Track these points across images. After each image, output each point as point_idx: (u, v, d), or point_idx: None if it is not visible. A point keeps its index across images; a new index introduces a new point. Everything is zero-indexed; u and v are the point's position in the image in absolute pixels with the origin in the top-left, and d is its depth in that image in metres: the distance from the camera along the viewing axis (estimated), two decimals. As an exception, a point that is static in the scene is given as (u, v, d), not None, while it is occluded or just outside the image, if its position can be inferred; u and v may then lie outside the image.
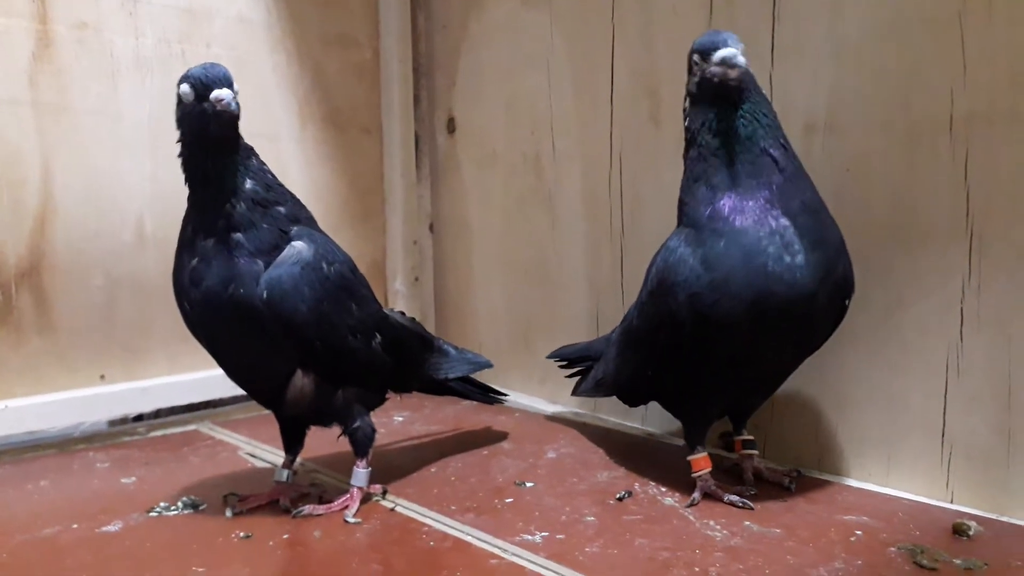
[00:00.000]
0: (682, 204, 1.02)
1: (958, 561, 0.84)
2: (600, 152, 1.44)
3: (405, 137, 1.79)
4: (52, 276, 1.39)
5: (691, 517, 0.97)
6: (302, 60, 1.67)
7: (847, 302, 1.00)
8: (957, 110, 1.00)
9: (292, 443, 1.09)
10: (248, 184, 0.95)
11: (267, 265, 0.94)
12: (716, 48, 0.95)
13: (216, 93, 0.90)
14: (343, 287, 1.00)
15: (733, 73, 0.94)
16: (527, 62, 1.56)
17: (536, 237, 1.57)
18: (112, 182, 1.44)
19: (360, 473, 1.04)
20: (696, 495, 1.02)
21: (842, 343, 1.09)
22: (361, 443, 1.04)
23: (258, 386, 1.05)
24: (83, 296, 1.42)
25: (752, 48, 1.13)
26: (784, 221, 0.93)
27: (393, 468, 1.19)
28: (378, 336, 1.06)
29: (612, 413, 1.44)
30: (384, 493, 1.08)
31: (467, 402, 1.38)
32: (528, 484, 1.10)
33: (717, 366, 0.99)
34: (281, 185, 1.01)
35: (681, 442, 1.26)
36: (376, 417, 1.17)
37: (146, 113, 1.47)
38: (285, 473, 1.07)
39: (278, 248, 0.96)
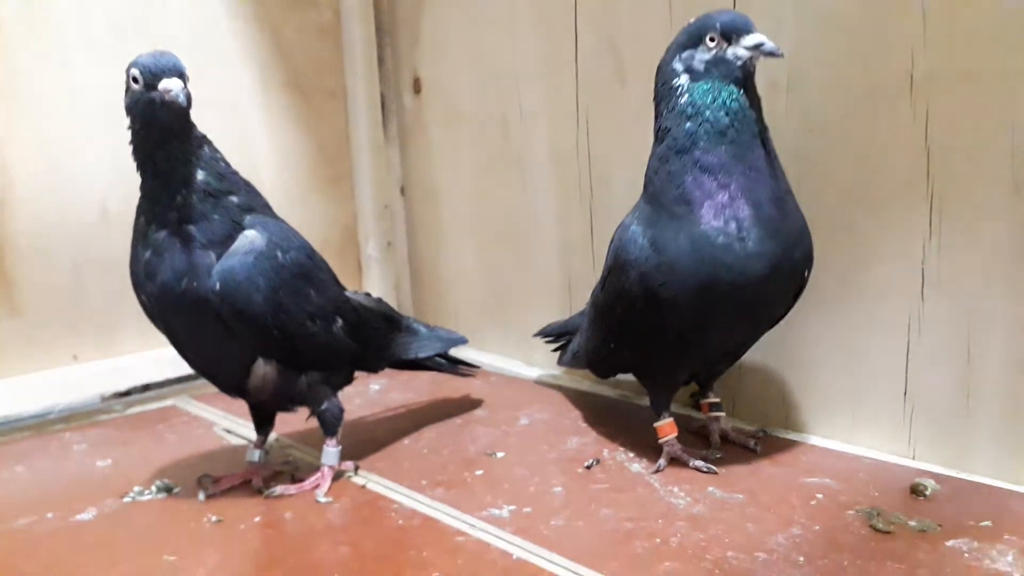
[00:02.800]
0: (652, 174, 1.01)
1: (913, 523, 0.86)
2: (566, 112, 1.42)
3: (370, 99, 1.75)
4: (16, 260, 1.38)
5: (656, 484, 0.99)
6: (261, 25, 1.63)
7: (807, 274, 1.01)
8: (917, 69, 0.98)
9: (262, 423, 1.10)
10: (200, 175, 0.94)
11: (220, 256, 0.93)
12: (747, 30, 0.93)
13: (164, 83, 0.88)
14: (299, 274, 1.00)
15: (757, 60, 0.93)
16: (491, 19, 1.53)
17: (506, 200, 1.56)
18: (72, 163, 1.41)
19: (330, 452, 1.05)
20: (662, 461, 1.04)
21: (806, 304, 1.09)
22: (329, 423, 1.05)
23: (220, 376, 1.05)
24: (50, 278, 1.41)
25: (713, 8, 1.11)
26: (745, 211, 0.92)
27: (367, 441, 1.20)
28: (339, 320, 1.05)
29: (587, 376, 1.45)
30: (356, 469, 1.09)
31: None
32: (499, 454, 1.12)
33: (671, 341, 1.00)
34: (235, 173, 1.00)
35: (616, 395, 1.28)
36: (353, 387, 1.19)
37: (101, 91, 1.43)
38: (257, 453, 1.08)
39: (231, 238, 0.94)
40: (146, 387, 1.50)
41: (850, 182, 1.06)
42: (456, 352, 1.33)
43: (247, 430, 1.26)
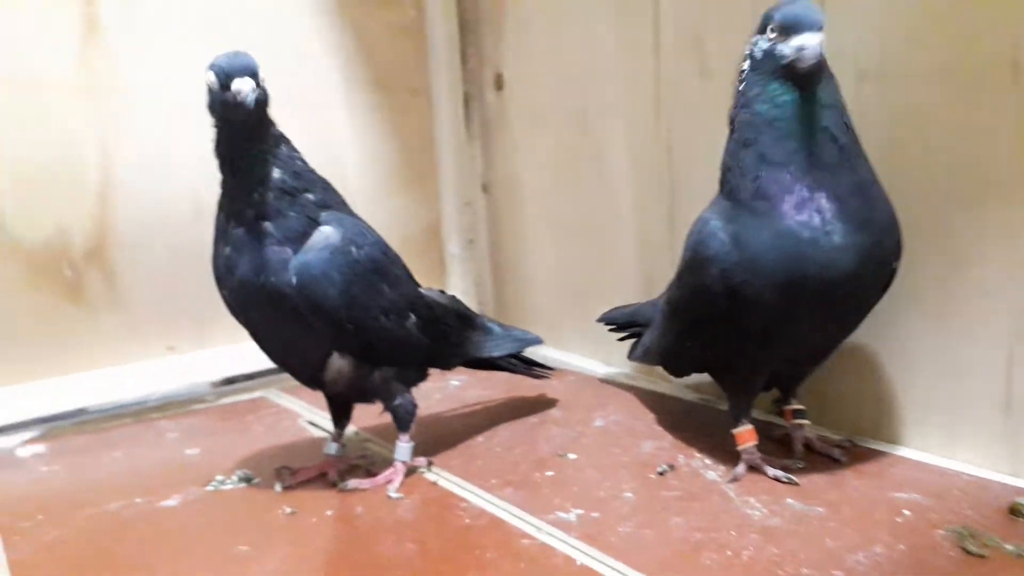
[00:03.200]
0: (726, 170, 0.98)
1: (1010, 547, 0.80)
2: (646, 108, 1.39)
3: (454, 96, 1.76)
4: (118, 252, 1.45)
5: (731, 494, 0.95)
6: (344, 23, 1.65)
7: (895, 264, 0.96)
8: (1022, 55, 0.91)
9: (339, 417, 1.12)
10: (276, 173, 0.96)
11: (296, 252, 0.95)
12: (798, 30, 0.88)
13: (236, 84, 0.90)
14: (374, 269, 1.01)
15: (803, 65, 0.88)
16: (570, 14, 1.51)
17: (585, 196, 1.54)
18: (167, 156, 1.47)
19: (403, 447, 1.06)
20: (739, 469, 1.00)
21: (900, 306, 1.04)
22: (403, 419, 1.06)
23: (298, 368, 1.07)
24: (148, 269, 1.47)
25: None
26: (827, 204, 0.88)
27: (443, 437, 1.21)
28: (412, 316, 1.06)
29: (665, 377, 1.41)
30: (429, 465, 1.10)
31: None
32: (571, 456, 1.10)
33: (754, 340, 0.96)
34: (312, 171, 1.01)
35: (697, 399, 1.24)
36: (433, 382, 1.21)
37: (194, 87, 1.48)
38: (334, 446, 1.10)
39: (307, 235, 0.96)
40: (237, 378, 1.55)
41: (947, 178, 0.99)
42: (533, 351, 1.32)
43: (330, 423, 1.28)
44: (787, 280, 0.89)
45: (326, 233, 0.97)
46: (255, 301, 0.98)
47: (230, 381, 1.54)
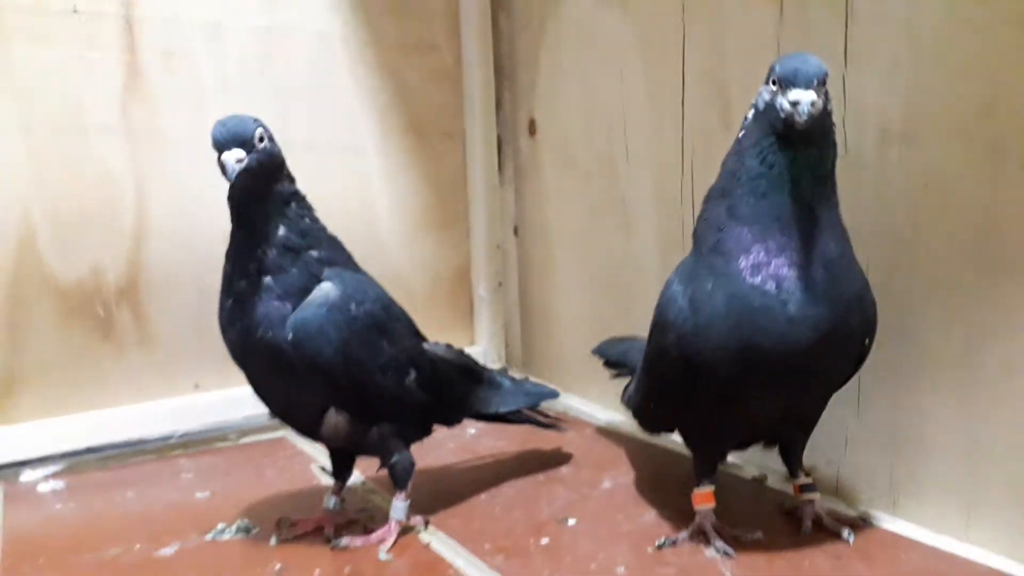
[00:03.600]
0: (699, 219, 0.96)
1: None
2: (672, 157, 1.36)
3: (487, 140, 1.77)
4: (149, 291, 1.48)
5: (729, 575, 0.91)
6: (382, 71, 1.68)
7: (867, 342, 0.93)
8: (1051, 120, 0.86)
9: (340, 469, 1.11)
10: (281, 231, 0.97)
11: (296, 307, 0.96)
12: (794, 84, 0.84)
13: (224, 156, 0.91)
14: (373, 326, 1.01)
15: (800, 120, 0.83)
16: (601, 62, 1.50)
17: (611, 244, 1.52)
18: (202, 200, 1.50)
19: (399, 506, 1.05)
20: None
21: (921, 378, 0.99)
22: (400, 477, 1.05)
23: (296, 421, 1.07)
24: (178, 309, 1.50)
25: (823, 49, 1.03)
26: (787, 271, 0.85)
27: (447, 492, 1.19)
28: (412, 372, 1.05)
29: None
30: (426, 524, 1.08)
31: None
32: (571, 521, 1.07)
33: (712, 408, 0.94)
34: (321, 229, 1.03)
35: (757, 473, 1.19)
36: (448, 430, 1.20)
37: (230, 133, 1.52)
38: (332, 500, 1.09)
39: (307, 291, 0.97)
40: (259, 418, 1.56)
41: (973, 245, 0.94)
42: (554, 402, 1.30)
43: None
44: (740, 350, 0.86)
45: (325, 290, 0.97)
46: (253, 354, 0.99)
47: (252, 420, 1.55)
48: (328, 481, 1.25)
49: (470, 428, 1.47)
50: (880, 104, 1.02)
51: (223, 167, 0.92)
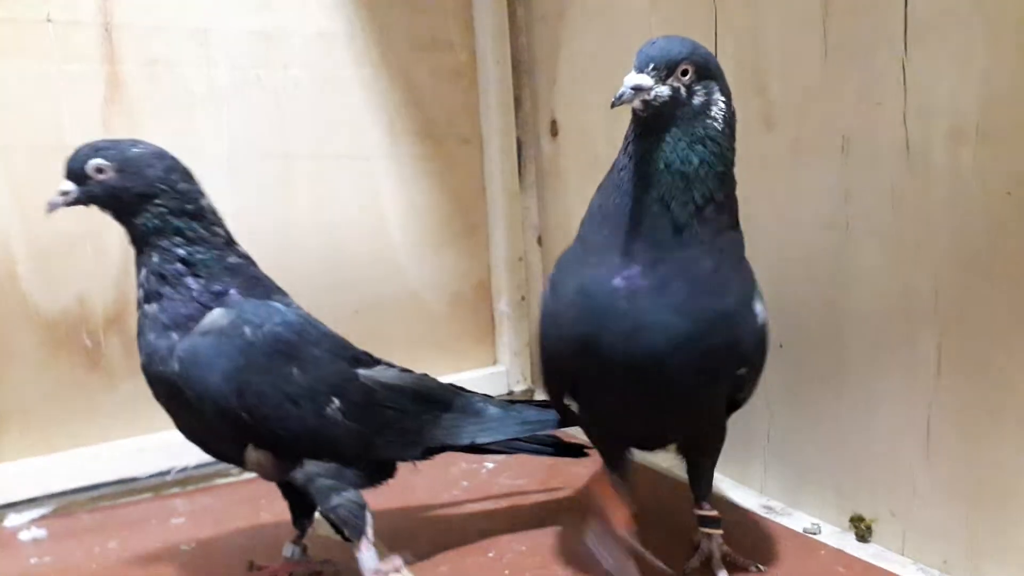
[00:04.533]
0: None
1: None
2: (706, 160, 1.20)
3: (506, 144, 1.63)
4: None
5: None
6: (391, 71, 1.55)
7: (741, 371, 0.87)
8: None
9: (297, 514, 1.01)
10: (155, 258, 0.89)
11: (182, 338, 0.87)
12: (634, 66, 0.79)
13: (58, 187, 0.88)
14: (275, 352, 0.89)
15: (635, 103, 0.79)
16: (626, 53, 1.33)
17: (641, 258, 1.37)
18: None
19: (365, 557, 0.93)
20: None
21: (1004, 420, 0.82)
22: (347, 523, 0.92)
23: (225, 458, 0.98)
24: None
25: (879, 31, 0.87)
26: (640, 279, 0.80)
27: (448, 536, 1.07)
28: (335, 401, 0.92)
29: (727, 471, 1.22)
30: (409, 563, 0.96)
31: None
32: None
33: (582, 399, 0.93)
34: (217, 259, 0.92)
35: (809, 524, 1.04)
36: (467, 463, 1.16)
37: (225, 146, 1.41)
38: (291, 549, 1.00)
39: (195, 320, 0.88)
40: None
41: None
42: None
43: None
44: (580, 343, 0.83)
45: (214, 316, 0.88)
46: (155, 386, 0.91)
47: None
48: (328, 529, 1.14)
49: (487, 462, 1.34)
50: (949, 95, 0.86)
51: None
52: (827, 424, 1.06)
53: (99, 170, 0.88)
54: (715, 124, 0.81)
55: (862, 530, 0.99)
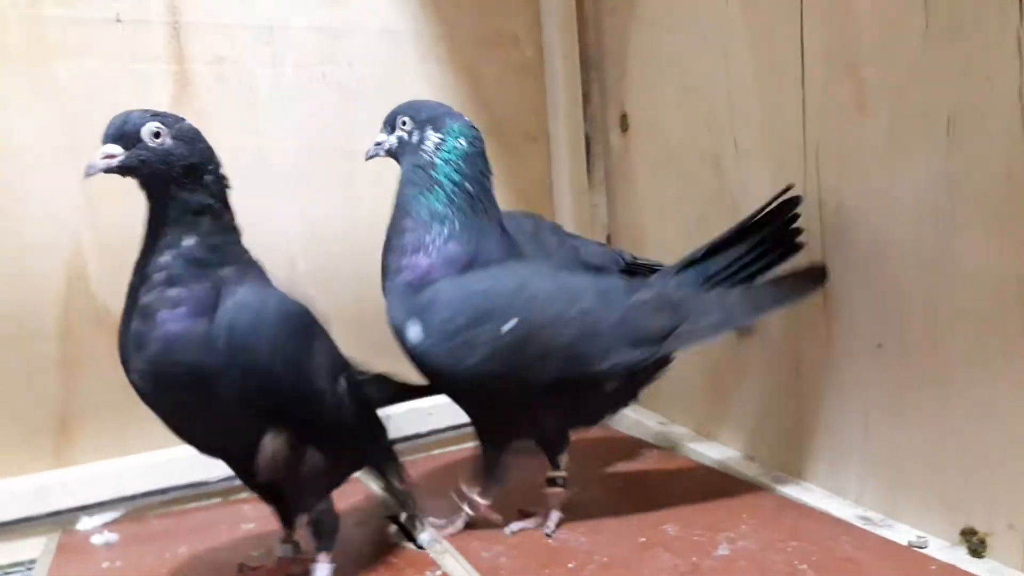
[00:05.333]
0: None
1: None
2: (791, 148, 1.14)
3: (574, 140, 1.58)
4: (211, 320, 1.36)
5: None
6: (456, 67, 1.52)
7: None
8: None
9: (283, 515, 1.01)
10: (187, 241, 0.86)
11: (212, 323, 0.84)
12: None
13: (101, 150, 0.84)
14: (302, 327, 0.91)
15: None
16: (701, 42, 1.29)
17: (721, 253, 1.30)
18: (261, 221, 1.33)
19: (321, 569, 0.93)
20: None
21: None
22: (325, 531, 0.95)
23: (230, 454, 0.96)
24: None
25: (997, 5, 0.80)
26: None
27: (531, 552, 1.01)
28: (342, 382, 0.94)
29: (818, 481, 1.14)
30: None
31: (649, 451, 1.31)
32: (680, 605, 0.87)
33: None
34: (241, 252, 0.92)
35: (914, 538, 0.97)
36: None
37: (291, 145, 1.40)
38: (282, 547, 0.99)
39: (215, 306, 0.85)
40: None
41: None
42: (658, 438, 1.11)
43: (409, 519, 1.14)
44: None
45: (243, 295, 0.86)
46: (168, 380, 0.85)
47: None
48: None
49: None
50: None
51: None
52: (931, 430, 0.98)
53: (156, 135, 0.84)
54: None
55: (975, 544, 0.91)
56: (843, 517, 1.05)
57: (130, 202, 1.27)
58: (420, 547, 1.06)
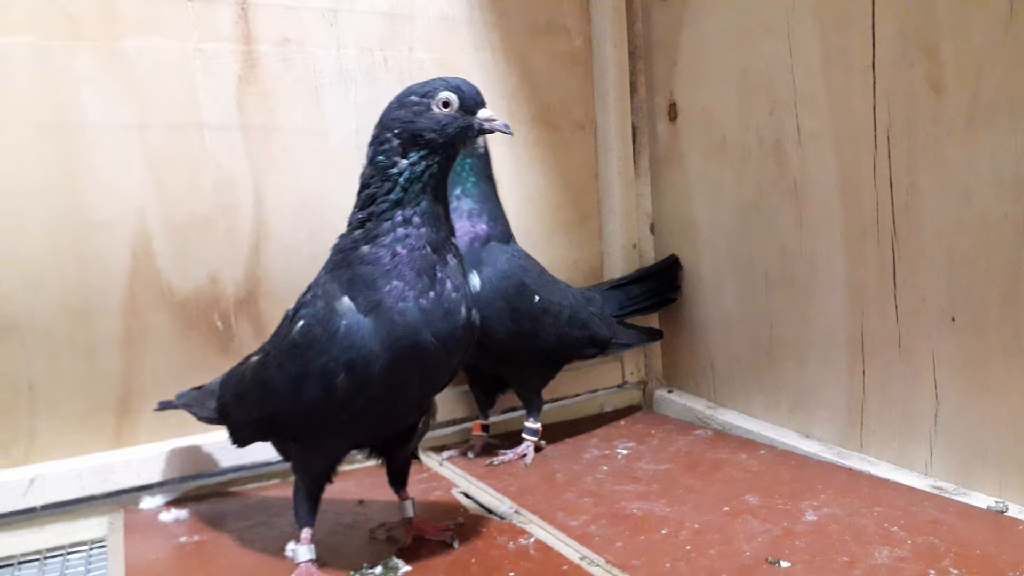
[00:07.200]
0: None
1: None
2: (860, 131, 1.17)
3: (622, 129, 1.60)
4: (269, 302, 1.36)
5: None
6: (508, 56, 1.54)
7: None
8: None
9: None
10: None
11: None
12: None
13: (485, 112, 0.93)
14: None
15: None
16: (762, 27, 1.31)
17: (779, 237, 1.33)
18: (322, 202, 1.38)
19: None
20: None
21: None
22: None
23: (392, 424, 0.99)
24: (299, 320, 1.38)
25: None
26: None
27: (619, 522, 1.02)
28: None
29: (883, 455, 1.17)
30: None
31: (699, 431, 1.32)
32: (784, 564, 0.88)
33: None
34: None
35: (993, 503, 0.99)
36: (599, 449, 1.18)
37: (352, 127, 1.40)
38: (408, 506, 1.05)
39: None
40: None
41: None
42: (709, 420, 1.12)
43: (486, 494, 1.14)
44: None
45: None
46: (453, 343, 0.90)
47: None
48: (473, 507, 1.12)
49: (620, 448, 1.31)
50: None
51: (481, 123, 0.93)
52: (1008, 400, 1.01)
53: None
54: None
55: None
56: (916, 486, 1.08)
57: (191, 177, 1.29)
58: (501, 517, 1.07)
